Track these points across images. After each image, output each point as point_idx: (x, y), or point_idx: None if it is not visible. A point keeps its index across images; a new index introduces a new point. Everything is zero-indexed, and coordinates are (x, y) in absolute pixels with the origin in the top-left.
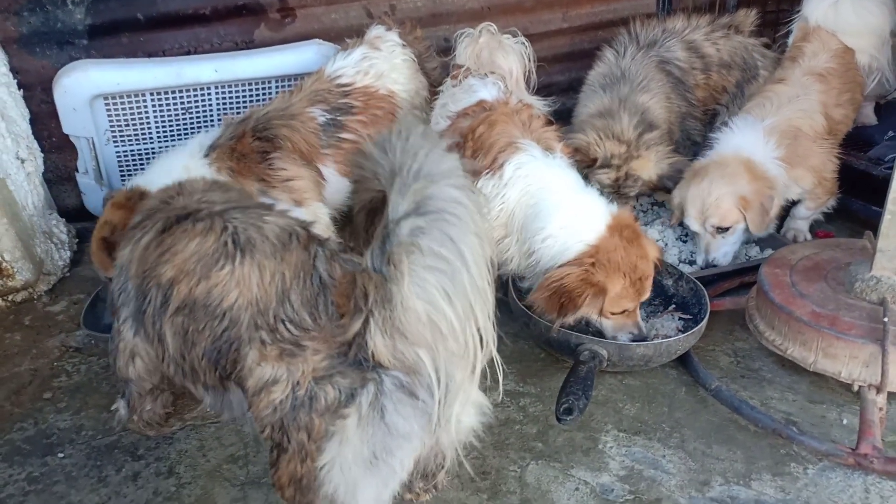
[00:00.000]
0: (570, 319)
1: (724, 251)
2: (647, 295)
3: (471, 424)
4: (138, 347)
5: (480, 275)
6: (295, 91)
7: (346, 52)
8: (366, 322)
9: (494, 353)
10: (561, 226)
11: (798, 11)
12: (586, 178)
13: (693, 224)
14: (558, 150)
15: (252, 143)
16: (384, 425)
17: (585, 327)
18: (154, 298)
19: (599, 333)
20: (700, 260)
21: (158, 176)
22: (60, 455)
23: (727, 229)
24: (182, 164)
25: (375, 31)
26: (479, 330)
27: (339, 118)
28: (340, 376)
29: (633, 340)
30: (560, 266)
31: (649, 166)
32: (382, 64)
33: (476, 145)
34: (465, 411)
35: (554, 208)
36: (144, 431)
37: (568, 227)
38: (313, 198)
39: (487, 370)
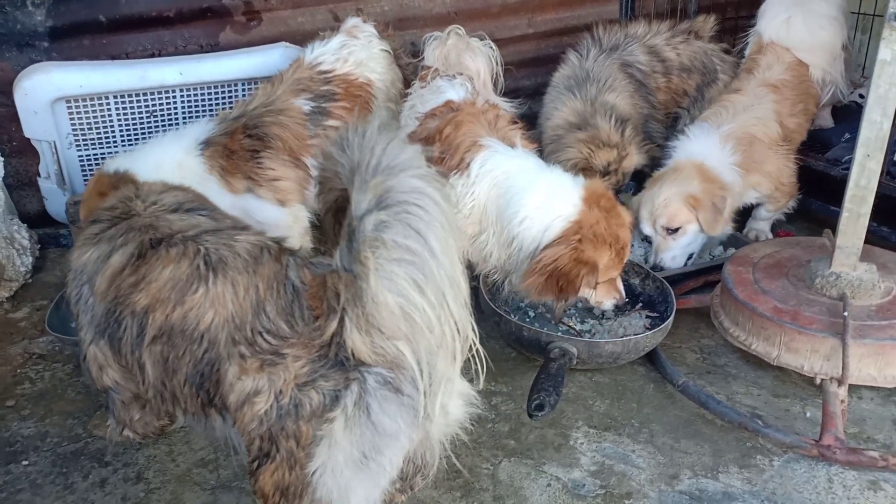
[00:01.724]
0: (571, 302)
1: (672, 254)
2: (626, 259)
3: (458, 416)
4: (99, 357)
5: (451, 263)
6: (276, 82)
7: (323, 41)
8: (341, 321)
9: (475, 341)
10: (536, 206)
11: (754, 24)
12: None
13: (645, 227)
14: (519, 144)
15: (242, 141)
16: (371, 424)
17: (556, 325)
18: (130, 327)
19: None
20: (650, 261)
21: (148, 167)
22: (25, 463)
23: (677, 230)
24: (176, 161)
25: (352, 22)
26: (454, 318)
27: (323, 105)
28: (323, 380)
29: (616, 305)
30: (546, 247)
31: (635, 159)
32: (361, 52)
33: (444, 146)
34: (452, 402)
35: (523, 191)
36: (137, 439)
37: (543, 206)
38: (296, 199)
39: (471, 361)
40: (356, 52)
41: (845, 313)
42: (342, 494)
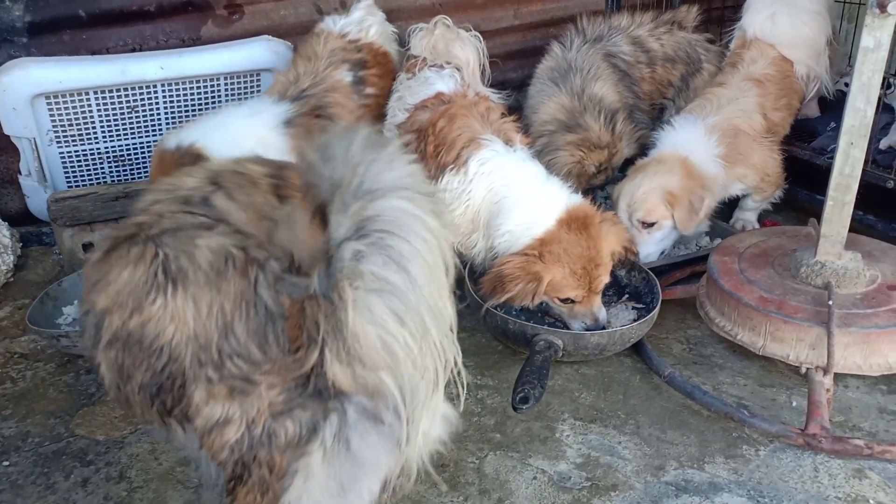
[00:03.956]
0: (502, 300)
1: (648, 249)
2: (598, 285)
3: (437, 435)
4: None
5: (434, 291)
6: (311, 59)
7: (341, 15)
8: (321, 353)
9: (459, 365)
10: (518, 222)
11: (740, 17)
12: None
13: (622, 218)
14: (518, 142)
15: (314, 122)
16: (350, 457)
17: (542, 318)
18: (90, 326)
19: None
20: None
21: (225, 141)
22: (6, 463)
23: (652, 224)
24: (256, 136)
25: (365, 2)
26: (436, 346)
27: (359, 74)
28: (300, 409)
29: (587, 329)
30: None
31: (624, 153)
32: (380, 26)
33: (438, 140)
34: (433, 425)
35: (514, 205)
36: None
37: (523, 223)
38: None
39: (455, 381)
40: (375, 24)
41: (830, 302)
42: None
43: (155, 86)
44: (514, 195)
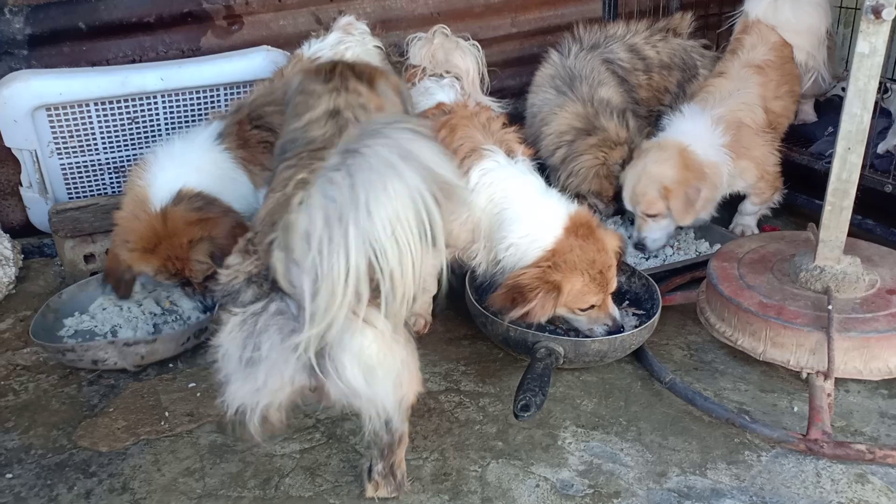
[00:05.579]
0: (520, 313)
1: (654, 236)
2: (612, 286)
3: (355, 385)
4: None
5: (380, 226)
6: (276, 77)
7: (319, 38)
8: (272, 241)
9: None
10: (522, 235)
11: (741, 13)
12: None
13: (628, 205)
14: (520, 153)
15: (252, 132)
16: (255, 335)
17: (544, 326)
18: None
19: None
20: (633, 237)
21: (193, 174)
22: (9, 476)
23: (655, 216)
24: (211, 160)
25: (346, 19)
26: (353, 278)
27: None
28: (256, 285)
29: (609, 331)
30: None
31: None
32: (357, 47)
33: None
34: (348, 363)
35: (517, 217)
36: None
37: (529, 235)
38: None
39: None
40: (352, 46)
41: (830, 307)
42: (227, 376)
43: (155, 97)
44: (515, 207)
